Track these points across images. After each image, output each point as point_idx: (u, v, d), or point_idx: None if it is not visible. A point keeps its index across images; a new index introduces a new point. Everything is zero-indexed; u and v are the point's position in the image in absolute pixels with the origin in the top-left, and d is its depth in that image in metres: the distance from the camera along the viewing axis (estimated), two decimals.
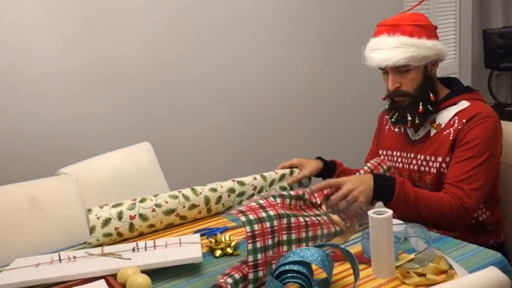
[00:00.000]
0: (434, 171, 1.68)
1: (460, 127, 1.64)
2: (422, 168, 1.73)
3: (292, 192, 1.55)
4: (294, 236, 1.40)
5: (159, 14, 2.65)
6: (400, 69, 1.66)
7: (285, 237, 1.37)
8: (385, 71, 1.71)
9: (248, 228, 1.30)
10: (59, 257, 1.50)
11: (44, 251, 1.63)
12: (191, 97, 2.80)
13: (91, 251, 1.54)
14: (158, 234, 1.70)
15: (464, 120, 1.64)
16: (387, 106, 1.80)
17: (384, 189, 1.55)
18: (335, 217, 1.57)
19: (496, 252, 1.43)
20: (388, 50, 1.64)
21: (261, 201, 1.38)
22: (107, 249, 1.55)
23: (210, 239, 1.58)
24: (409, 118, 1.70)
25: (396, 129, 1.83)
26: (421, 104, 1.68)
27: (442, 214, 1.56)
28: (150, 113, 2.68)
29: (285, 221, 1.39)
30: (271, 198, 1.43)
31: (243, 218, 1.31)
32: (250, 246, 1.28)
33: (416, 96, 1.69)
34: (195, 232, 1.68)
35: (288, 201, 1.51)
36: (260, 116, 3.07)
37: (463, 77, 4.13)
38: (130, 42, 2.59)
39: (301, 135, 3.25)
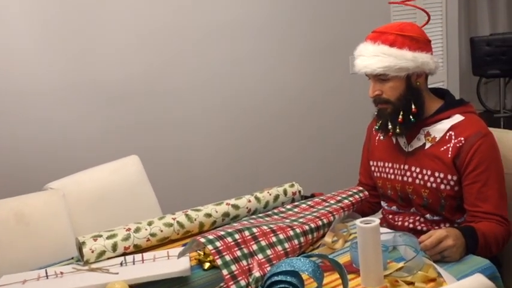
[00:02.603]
0: (434, 185, 1.68)
1: (458, 145, 1.64)
2: (417, 181, 1.72)
3: (275, 210, 1.69)
4: (264, 243, 1.41)
5: (146, 24, 2.65)
6: (380, 77, 1.67)
7: (255, 247, 1.39)
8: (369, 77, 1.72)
9: (210, 246, 1.32)
10: (46, 273, 1.48)
11: (31, 267, 1.60)
12: (179, 109, 2.80)
13: (78, 266, 1.53)
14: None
15: (462, 138, 1.64)
16: (375, 113, 1.79)
17: (470, 242, 1.50)
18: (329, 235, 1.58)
19: (484, 259, 1.43)
20: (368, 57, 1.65)
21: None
22: (94, 264, 1.53)
23: (198, 251, 1.57)
24: (390, 126, 1.70)
25: (393, 139, 1.80)
26: (401, 113, 1.68)
27: (503, 242, 1.61)
28: (138, 125, 2.66)
29: (246, 233, 1.41)
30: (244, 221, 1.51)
31: (202, 240, 1.33)
32: (219, 261, 1.30)
33: (397, 105, 1.68)
34: (184, 245, 1.67)
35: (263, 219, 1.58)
36: (249, 126, 3.07)
37: (451, 84, 4.16)
38: (117, 53, 2.58)
39: (291, 144, 3.24)
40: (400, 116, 1.68)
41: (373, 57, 1.64)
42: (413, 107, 1.68)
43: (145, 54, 2.67)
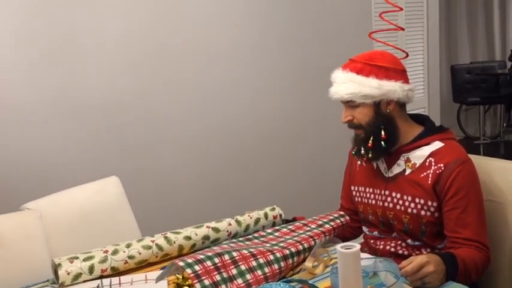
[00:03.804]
0: (415, 211, 1.69)
1: (438, 172, 1.66)
2: (398, 207, 1.73)
3: (255, 234, 1.67)
4: (243, 267, 1.40)
5: (129, 45, 2.65)
6: (349, 104, 1.72)
7: (234, 271, 1.38)
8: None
9: (189, 270, 1.30)
10: None
11: None
12: (162, 130, 2.78)
13: None
14: None
15: (441, 165, 1.66)
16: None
17: (450, 269, 1.51)
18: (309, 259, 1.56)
19: (464, 285, 1.44)
20: (338, 84, 1.72)
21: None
22: (70, 287, 1.50)
23: (177, 275, 1.55)
24: (362, 152, 1.73)
25: (374, 165, 1.82)
26: (371, 139, 1.71)
27: (482, 268, 1.63)
28: (119, 147, 2.64)
29: (226, 257, 1.40)
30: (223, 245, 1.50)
31: (181, 263, 1.32)
32: (198, 286, 1.29)
33: (368, 130, 1.72)
34: (162, 269, 1.64)
35: (243, 243, 1.56)
36: (233, 151, 3.06)
37: (432, 111, 4.20)
38: (98, 73, 2.56)
39: (273, 168, 3.24)
40: (370, 141, 1.71)
41: (341, 83, 1.70)
42: (382, 133, 1.70)
43: (130, 74, 2.65)
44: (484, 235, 1.65)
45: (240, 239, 1.66)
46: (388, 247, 1.79)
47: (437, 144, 1.70)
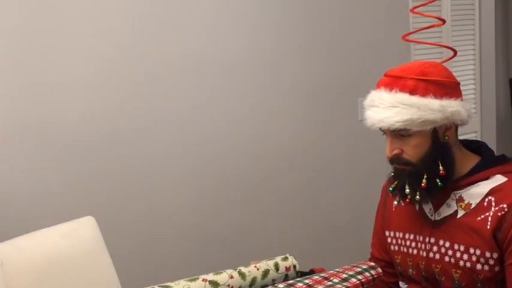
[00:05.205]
0: (469, 265, 1.53)
1: (500, 214, 1.49)
2: (447, 259, 1.57)
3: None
4: None
5: (115, 53, 2.40)
6: (399, 133, 1.52)
7: None
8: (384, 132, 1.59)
9: None
10: None
11: None
12: (148, 159, 2.51)
13: None
14: None
15: (504, 205, 1.50)
16: (392, 173, 1.64)
17: None
18: None
19: None
20: (383, 109, 1.51)
21: None
22: None
23: None
24: (407, 191, 1.54)
25: (416, 205, 1.65)
26: (425, 177, 1.51)
27: None
28: (96, 180, 2.41)
29: None
30: None
31: None
32: None
33: (420, 166, 1.53)
34: None
35: None
36: (239, 188, 2.77)
37: (486, 135, 3.96)
38: (74, 90, 2.31)
39: (289, 211, 2.96)
40: (424, 180, 1.52)
41: (389, 108, 1.50)
42: (440, 168, 1.53)
43: (112, 91, 2.41)
44: None
45: None
46: None
47: (498, 179, 1.53)
